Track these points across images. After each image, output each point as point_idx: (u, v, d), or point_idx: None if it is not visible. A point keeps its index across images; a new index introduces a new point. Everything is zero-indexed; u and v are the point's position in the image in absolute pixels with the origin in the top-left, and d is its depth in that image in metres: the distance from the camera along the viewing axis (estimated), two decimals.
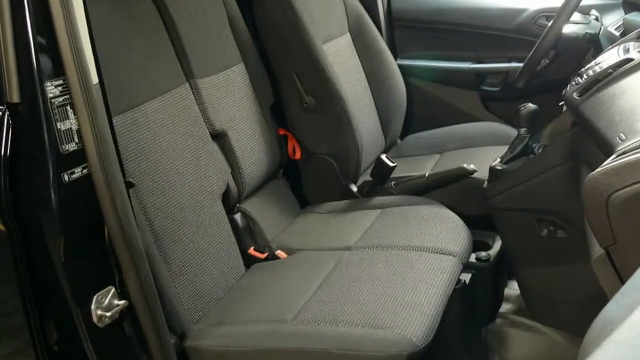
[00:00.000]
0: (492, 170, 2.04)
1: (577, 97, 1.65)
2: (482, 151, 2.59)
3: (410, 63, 3.08)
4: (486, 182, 2.07)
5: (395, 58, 2.99)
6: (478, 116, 2.96)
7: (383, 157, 2.37)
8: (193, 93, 2.07)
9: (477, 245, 2.17)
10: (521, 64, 2.43)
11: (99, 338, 1.44)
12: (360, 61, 2.81)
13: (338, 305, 1.72)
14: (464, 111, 2.99)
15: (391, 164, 2.35)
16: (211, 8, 2.25)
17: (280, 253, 2.15)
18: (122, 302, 1.45)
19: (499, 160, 2.05)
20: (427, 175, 2.36)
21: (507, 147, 2.09)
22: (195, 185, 1.95)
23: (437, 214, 2.16)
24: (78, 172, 1.36)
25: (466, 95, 2.99)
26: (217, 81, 2.18)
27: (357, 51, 2.81)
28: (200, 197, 1.96)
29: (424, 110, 3.06)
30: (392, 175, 2.40)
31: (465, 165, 2.25)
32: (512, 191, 1.95)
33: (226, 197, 2.13)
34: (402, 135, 3.02)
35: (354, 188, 2.50)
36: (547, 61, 2.46)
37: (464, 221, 2.15)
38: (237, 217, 2.20)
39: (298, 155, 2.52)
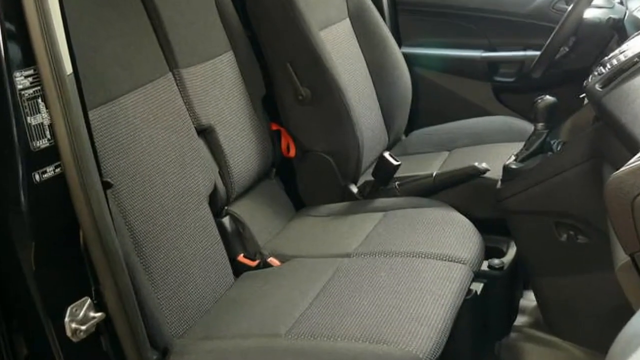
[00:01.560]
0: (506, 169, 2.04)
1: (599, 89, 1.66)
2: (495, 148, 2.59)
3: (416, 51, 3.09)
4: (499, 183, 2.07)
5: (400, 46, 3.00)
6: (490, 110, 2.97)
7: (386, 154, 2.37)
8: (177, 84, 2.07)
9: (490, 251, 2.18)
10: (538, 53, 2.44)
11: (74, 354, 1.43)
12: (361, 49, 2.81)
13: (336, 318, 1.72)
14: (475, 104, 3.00)
15: (395, 163, 2.35)
16: None
17: (272, 260, 2.15)
18: (99, 314, 1.44)
19: (513, 158, 2.06)
20: (434, 174, 2.36)
21: (523, 143, 2.09)
22: (179, 186, 1.95)
23: (446, 218, 2.16)
24: (50, 171, 1.35)
25: (477, 87, 3.00)
26: (203, 71, 2.18)
27: (357, 38, 2.81)
28: (185, 199, 1.95)
29: (430, 104, 3.07)
30: (396, 175, 2.40)
31: (476, 164, 2.25)
32: (528, 192, 1.95)
33: (213, 198, 2.13)
34: (407, 131, 3.03)
35: (354, 189, 2.51)
36: (567, 49, 2.47)
37: (475, 225, 2.15)
38: (226, 220, 2.20)
39: (292, 153, 2.52)
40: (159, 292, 1.79)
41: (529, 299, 2.29)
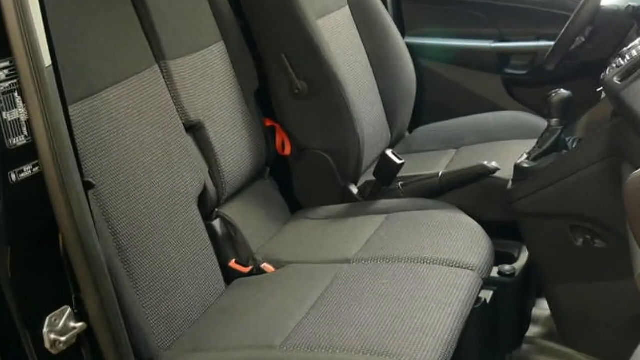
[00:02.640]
0: (517, 168, 2.04)
1: (618, 82, 1.66)
2: (506, 146, 2.59)
3: (421, 41, 3.09)
4: (510, 183, 2.07)
5: (403, 36, 3.00)
6: (501, 104, 2.97)
7: (388, 152, 2.37)
8: (164, 77, 2.07)
9: (501, 257, 2.18)
10: (552, 43, 2.43)
11: None
12: (362, 39, 2.82)
13: (335, 328, 1.72)
14: (484, 98, 2.99)
15: (398, 161, 2.34)
16: None
17: (266, 266, 2.15)
18: (80, 324, 1.44)
19: (525, 156, 2.06)
20: (440, 174, 2.36)
21: (535, 141, 2.09)
22: (166, 187, 1.95)
23: (453, 221, 2.16)
24: (28, 170, 1.35)
25: (487, 80, 2.99)
26: (192, 63, 2.18)
27: (357, 27, 2.81)
28: (172, 201, 1.95)
29: (436, 98, 3.07)
30: (399, 175, 2.40)
31: (485, 163, 2.25)
32: (541, 193, 1.95)
33: (203, 200, 2.13)
34: (411, 127, 3.03)
35: (354, 189, 2.51)
36: (583, 39, 2.47)
37: (485, 229, 2.15)
38: (216, 223, 2.20)
39: (288, 151, 2.52)
40: (145, 300, 1.79)
41: (542, 308, 2.30)
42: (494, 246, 2.12)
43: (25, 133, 1.34)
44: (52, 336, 1.41)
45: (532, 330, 2.25)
